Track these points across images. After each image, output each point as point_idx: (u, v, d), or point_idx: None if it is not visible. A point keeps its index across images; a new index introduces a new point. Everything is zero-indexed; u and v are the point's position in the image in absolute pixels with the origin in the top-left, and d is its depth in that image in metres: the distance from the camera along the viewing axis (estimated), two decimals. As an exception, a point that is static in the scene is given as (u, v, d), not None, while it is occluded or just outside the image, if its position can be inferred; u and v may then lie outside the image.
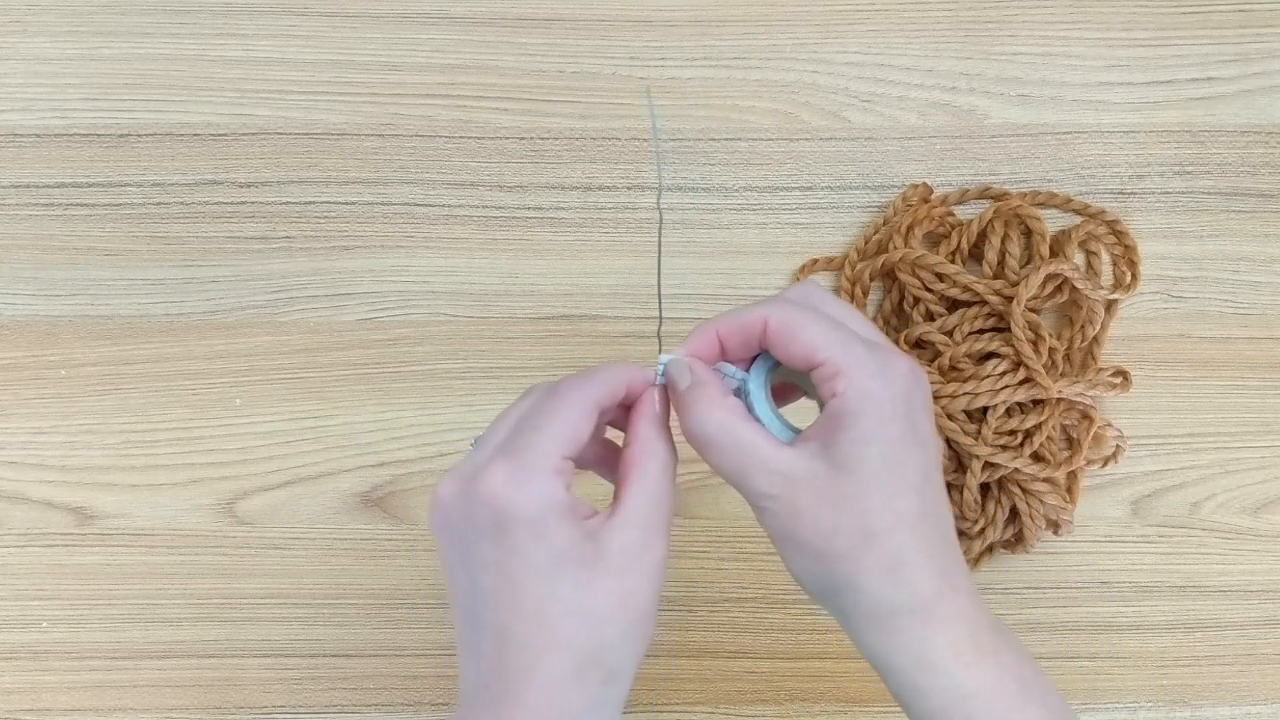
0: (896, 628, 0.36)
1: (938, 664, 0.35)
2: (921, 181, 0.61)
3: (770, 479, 0.36)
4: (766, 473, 0.36)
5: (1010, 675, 0.36)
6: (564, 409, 0.36)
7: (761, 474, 0.36)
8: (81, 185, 0.60)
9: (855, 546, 0.35)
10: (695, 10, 0.62)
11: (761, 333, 0.37)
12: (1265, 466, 0.59)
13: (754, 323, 0.37)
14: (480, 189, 0.61)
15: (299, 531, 0.58)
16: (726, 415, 0.37)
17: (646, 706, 0.57)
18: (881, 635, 0.36)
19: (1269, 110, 0.62)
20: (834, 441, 0.36)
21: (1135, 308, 0.60)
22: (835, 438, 0.35)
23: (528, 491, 0.34)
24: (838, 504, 0.35)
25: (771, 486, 0.36)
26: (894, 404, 0.36)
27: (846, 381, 0.35)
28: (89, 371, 0.59)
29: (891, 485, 0.36)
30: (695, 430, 0.37)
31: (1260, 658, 0.58)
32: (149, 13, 0.62)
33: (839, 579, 0.36)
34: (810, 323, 0.36)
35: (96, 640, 0.57)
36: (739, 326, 0.37)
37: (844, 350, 0.36)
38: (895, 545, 0.35)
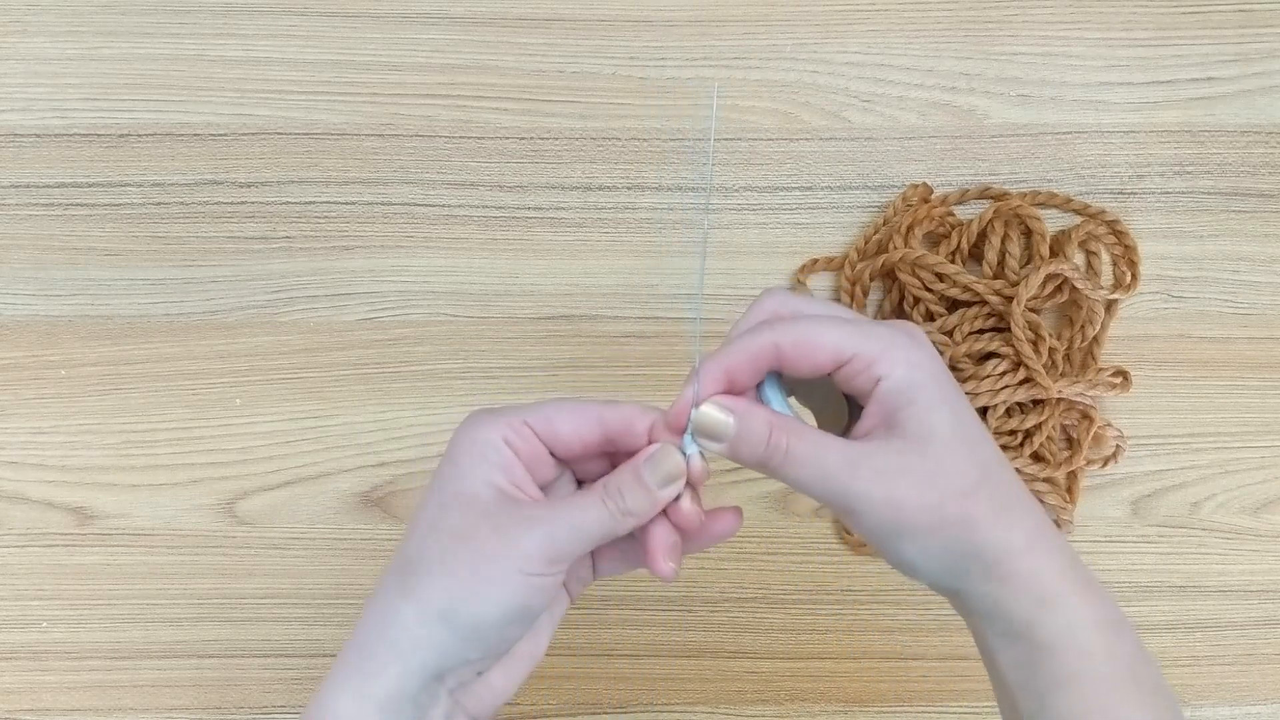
0: (1016, 570, 0.36)
1: (1055, 595, 0.36)
2: (921, 181, 0.61)
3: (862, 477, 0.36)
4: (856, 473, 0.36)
5: (1108, 606, 0.37)
6: (563, 400, 0.38)
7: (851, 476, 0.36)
8: (81, 185, 0.60)
9: (963, 509, 0.36)
10: (695, 10, 0.62)
11: (772, 359, 0.37)
12: (1265, 466, 0.59)
13: (762, 352, 0.37)
14: (480, 189, 0.61)
15: (299, 531, 0.58)
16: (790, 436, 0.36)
17: (646, 706, 0.57)
18: (1001, 583, 0.36)
19: (1269, 110, 0.62)
20: (901, 420, 0.36)
21: (1135, 308, 0.60)
22: (900, 415, 0.36)
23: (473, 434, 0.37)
24: (933, 475, 0.36)
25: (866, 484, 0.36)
26: (936, 366, 0.37)
27: (889, 363, 0.36)
28: (89, 371, 0.59)
29: (969, 440, 0.36)
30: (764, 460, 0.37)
31: (1260, 658, 0.58)
32: (149, 13, 0.62)
33: (958, 546, 0.36)
34: (822, 328, 0.36)
35: (96, 640, 0.57)
36: (747, 360, 0.37)
37: (869, 339, 0.36)
38: (994, 492, 0.36)
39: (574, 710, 0.57)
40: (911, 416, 0.36)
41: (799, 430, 0.37)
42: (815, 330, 0.36)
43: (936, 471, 0.36)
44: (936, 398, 0.36)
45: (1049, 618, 0.36)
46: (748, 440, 0.36)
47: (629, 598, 0.58)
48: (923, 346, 0.37)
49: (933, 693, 0.57)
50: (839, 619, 0.58)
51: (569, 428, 0.38)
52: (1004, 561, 0.36)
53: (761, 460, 0.37)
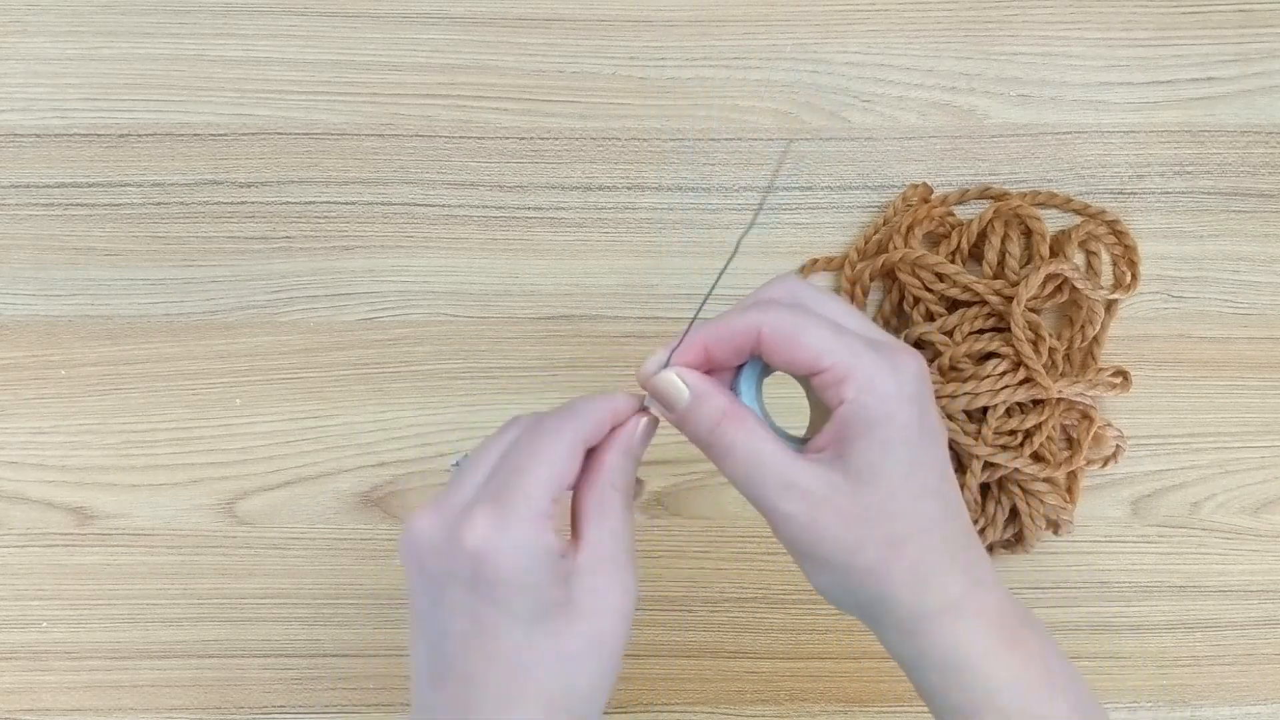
0: (926, 631, 0.35)
1: (967, 661, 0.35)
2: (921, 181, 0.61)
3: (788, 495, 0.35)
4: (783, 489, 0.35)
5: (1037, 664, 0.36)
6: (549, 449, 0.35)
7: (778, 490, 0.35)
8: (81, 185, 0.60)
9: (882, 559, 0.34)
10: (695, 10, 0.62)
11: (755, 342, 0.35)
12: (1265, 466, 0.59)
13: (746, 332, 0.35)
14: (480, 189, 0.61)
15: (299, 531, 0.58)
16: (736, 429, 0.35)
17: (646, 706, 0.57)
18: (911, 639, 0.35)
19: (1269, 110, 0.62)
20: (849, 451, 0.34)
21: (1135, 308, 0.60)
22: (850, 447, 0.34)
23: (511, 543, 0.33)
24: (860, 518, 0.34)
25: (789, 504, 0.35)
26: (908, 405, 0.34)
27: (856, 387, 0.34)
28: (89, 371, 0.59)
29: (912, 490, 0.35)
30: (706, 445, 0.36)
31: (1260, 658, 0.58)
32: (149, 13, 0.62)
33: (866, 592, 0.35)
34: (809, 328, 0.34)
35: (96, 640, 0.57)
36: (728, 336, 0.36)
37: (850, 354, 0.34)
38: (921, 552, 0.35)
39: (574, 710, 0.57)
40: (861, 450, 0.34)
41: (749, 428, 0.35)
42: (801, 327, 0.34)
43: (864, 516, 0.34)
44: (894, 438, 0.34)
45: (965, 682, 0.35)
46: (696, 418, 0.36)
47: (629, 598, 0.58)
48: (903, 377, 0.34)
49: (933, 693, 0.57)
50: (839, 619, 0.58)
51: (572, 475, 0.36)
52: (914, 622, 0.35)
53: (704, 444, 0.36)
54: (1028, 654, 0.36)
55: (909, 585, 0.35)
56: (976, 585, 0.36)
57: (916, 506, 0.35)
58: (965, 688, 0.35)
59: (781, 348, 0.35)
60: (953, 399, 0.56)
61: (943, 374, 0.57)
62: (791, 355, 0.35)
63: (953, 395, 0.56)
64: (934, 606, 0.35)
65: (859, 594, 0.35)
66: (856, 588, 0.35)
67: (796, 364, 0.35)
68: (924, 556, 0.35)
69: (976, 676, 0.35)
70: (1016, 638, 0.36)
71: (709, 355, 0.36)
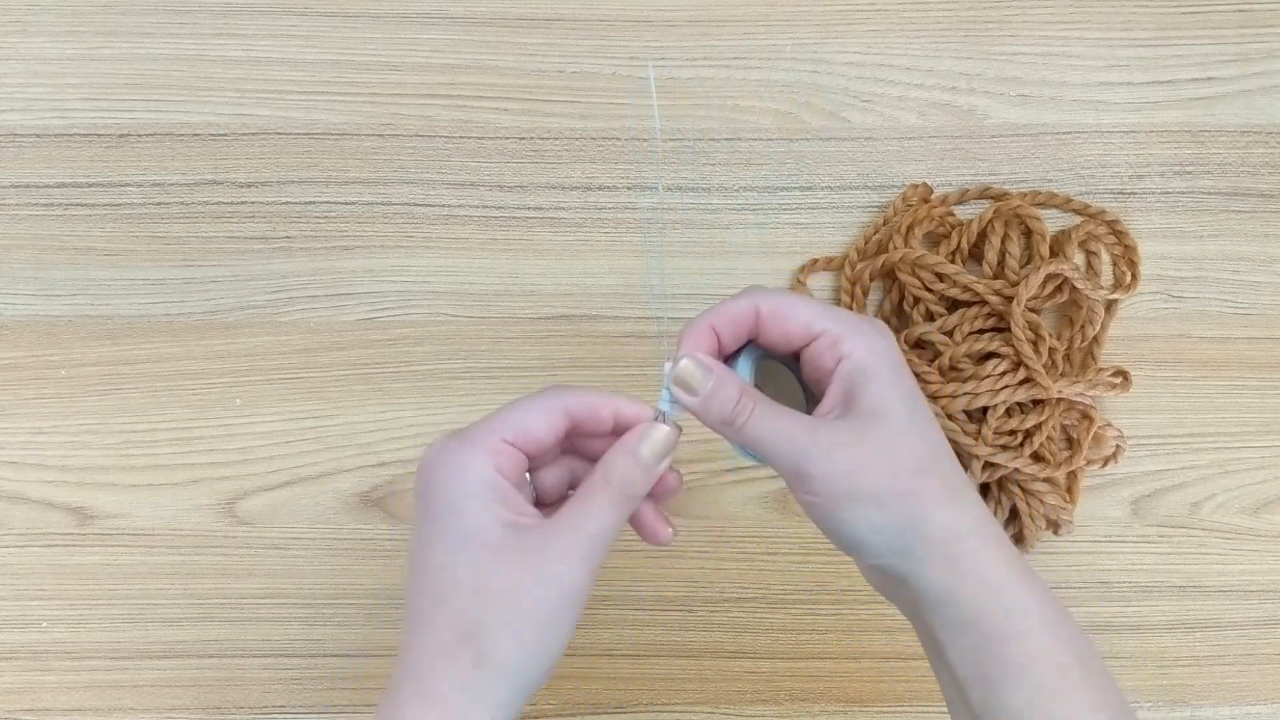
0: (963, 553, 0.37)
1: (1000, 582, 0.37)
2: (921, 181, 0.61)
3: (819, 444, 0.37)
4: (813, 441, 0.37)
5: (1049, 595, 0.38)
6: (526, 402, 0.38)
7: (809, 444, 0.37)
8: (81, 185, 0.60)
9: (916, 479, 0.37)
10: (695, 10, 0.62)
11: (753, 321, 0.39)
12: (1265, 466, 0.59)
13: (745, 312, 0.39)
14: (480, 189, 0.61)
15: (299, 531, 0.58)
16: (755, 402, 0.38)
17: (646, 706, 0.57)
18: (948, 565, 0.37)
19: (1269, 110, 0.62)
20: (858, 397, 0.38)
21: (1135, 308, 0.60)
22: (858, 393, 0.38)
23: (454, 464, 0.36)
24: (887, 447, 0.37)
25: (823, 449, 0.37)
26: (895, 354, 0.39)
27: (852, 343, 0.38)
28: (89, 371, 0.59)
29: (920, 423, 0.38)
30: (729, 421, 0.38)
31: (1260, 658, 0.58)
32: (149, 13, 0.62)
33: (906, 517, 0.37)
34: (799, 303, 0.38)
35: (96, 640, 0.57)
36: (730, 318, 0.39)
37: (836, 319, 0.38)
38: (945, 472, 0.38)
39: (574, 710, 0.57)
40: (869, 395, 0.37)
41: (765, 398, 0.38)
42: (791, 302, 0.38)
43: (892, 445, 0.37)
44: (892, 380, 0.38)
45: (997, 604, 0.36)
46: (719, 396, 0.38)
47: (629, 598, 0.58)
48: (885, 336, 0.39)
49: (932, 693, 0.57)
50: (839, 619, 0.58)
51: (542, 427, 0.38)
52: (952, 543, 0.37)
53: (729, 419, 0.38)
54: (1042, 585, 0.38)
55: (944, 503, 0.37)
56: (988, 515, 0.38)
57: (928, 437, 0.38)
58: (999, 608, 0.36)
59: (778, 321, 0.38)
60: (953, 399, 0.56)
61: (943, 374, 0.57)
62: (786, 327, 0.38)
63: (953, 395, 0.56)
64: (967, 525, 0.37)
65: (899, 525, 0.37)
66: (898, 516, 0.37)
67: (792, 334, 0.38)
68: (948, 476, 0.38)
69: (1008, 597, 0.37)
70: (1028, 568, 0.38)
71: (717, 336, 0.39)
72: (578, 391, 0.38)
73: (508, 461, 0.37)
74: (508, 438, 0.37)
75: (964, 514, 0.37)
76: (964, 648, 0.37)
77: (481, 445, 0.37)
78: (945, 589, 0.37)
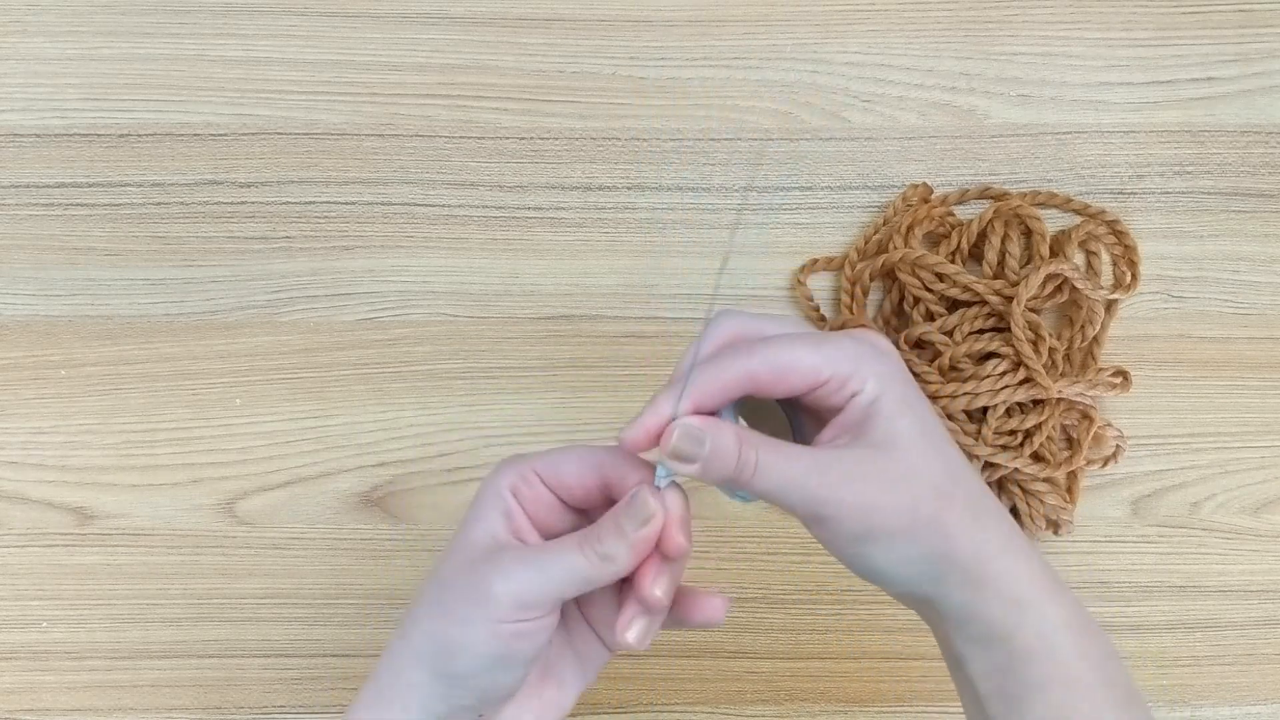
0: (989, 576, 0.36)
1: (1028, 599, 0.36)
2: (921, 181, 0.61)
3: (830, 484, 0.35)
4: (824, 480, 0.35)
5: (1077, 608, 0.37)
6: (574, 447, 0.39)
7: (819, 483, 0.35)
8: (81, 185, 0.60)
9: (938, 510, 0.36)
10: (695, 10, 0.62)
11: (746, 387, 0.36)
12: (1265, 466, 0.59)
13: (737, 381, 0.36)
14: (480, 189, 0.61)
15: (299, 531, 0.58)
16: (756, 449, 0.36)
17: (646, 706, 0.57)
18: (975, 588, 0.36)
19: (1269, 110, 0.62)
20: (867, 429, 0.36)
21: (1135, 308, 0.60)
22: (867, 425, 0.36)
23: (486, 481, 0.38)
24: (904, 477, 0.36)
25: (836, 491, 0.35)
26: (899, 374, 0.37)
27: (861, 379, 0.36)
28: (89, 371, 0.59)
29: (935, 446, 0.37)
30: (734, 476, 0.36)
31: (1260, 658, 0.58)
32: (149, 13, 0.62)
33: (930, 550, 0.36)
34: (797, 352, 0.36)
35: (96, 640, 0.57)
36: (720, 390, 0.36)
37: (842, 357, 0.36)
38: (968, 496, 0.37)
39: (574, 710, 0.57)
40: (878, 424, 0.36)
41: (765, 442, 0.36)
42: (790, 355, 0.36)
43: (908, 474, 0.36)
44: (901, 405, 0.36)
45: (1023, 621, 0.36)
46: (719, 458, 0.35)
47: (629, 598, 0.58)
48: (889, 358, 0.37)
49: (933, 693, 0.57)
50: (839, 619, 0.58)
51: (573, 474, 0.38)
52: (978, 565, 0.36)
53: (732, 476, 0.36)
54: (1069, 596, 0.37)
55: (967, 530, 0.36)
56: (1013, 529, 0.37)
57: (945, 459, 0.37)
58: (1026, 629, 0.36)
59: (779, 381, 0.36)
60: (953, 399, 0.56)
61: (943, 374, 0.57)
62: (789, 383, 0.36)
63: (953, 395, 0.56)
64: (993, 547, 0.36)
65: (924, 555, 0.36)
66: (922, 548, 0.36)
67: (795, 388, 0.37)
68: (971, 500, 0.37)
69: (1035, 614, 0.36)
70: (1057, 580, 0.37)
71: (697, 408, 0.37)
72: (617, 454, 0.37)
73: (527, 489, 0.38)
74: (537, 469, 0.38)
75: (990, 532, 0.36)
76: (987, 664, 0.36)
77: (511, 470, 0.38)
78: (972, 609, 0.36)
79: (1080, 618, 0.37)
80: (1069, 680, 0.36)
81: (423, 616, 0.37)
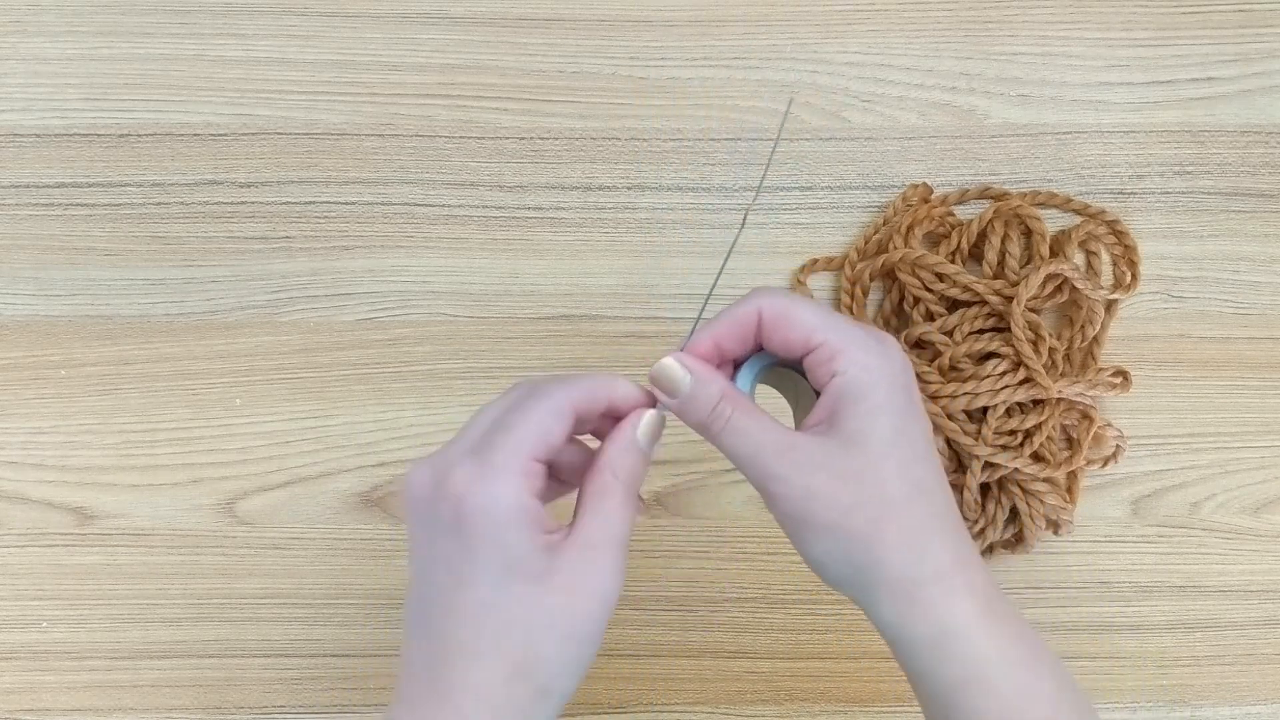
0: (918, 599, 0.36)
1: (959, 631, 0.36)
2: (921, 181, 0.61)
3: (783, 462, 0.36)
4: (778, 456, 0.36)
5: (1024, 641, 0.36)
6: (538, 409, 0.36)
7: (774, 458, 0.36)
8: (81, 185, 0.60)
9: (875, 520, 0.35)
10: (695, 10, 0.62)
11: (756, 325, 0.37)
12: (1265, 466, 0.59)
13: (749, 315, 0.37)
14: (480, 189, 0.61)
15: (299, 531, 0.58)
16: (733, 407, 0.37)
17: (646, 706, 0.57)
18: (903, 608, 0.36)
19: (1269, 110, 0.62)
20: (841, 419, 0.36)
21: (1135, 308, 0.60)
22: (842, 414, 0.36)
23: (488, 493, 0.34)
24: (854, 479, 0.35)
25: (785, 469, 0.36)
26: (895, 377, 0.36)
27: (847, 359, 0.36)
28: (89, 371, 0.59)
29: (903, 455, 0.36)
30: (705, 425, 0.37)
31: (1260, 658, 0.58)
32: (149, 13, 0.62)
33: (860, 556, 0.36)
34: (803, 308, 0.37)
35: (96, 640, 0.57)
36: (733, 323, 0.38)
37: (839, 331, 0.36)
38: (913, 517, 0.36)
39: (574, 710, 0.57)
40: (852, 418, 0.36)
41: (747, 407, 0.37)
42: (795, 307, 0.37)
43: (858, 476, 0.36)
44: (882, 405, 0.36)
45: (953, 652, 0.35)
46: (697, 400, 0.37)
47: (629, 598, 0.58)
48: (887, 354, 0.37)
49: (933, 693, 0.57)
50: (839, 619, 0.58)
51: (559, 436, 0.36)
52: (907, 588, 0.36)
53: (704, 424, 0.37)
54: (1015, 631, 0.36)
55: (902, 550, 0.36)
56: (964, 560, 0.37)
57: (906, 472, 0.36)
58: (955, 659, 0.35)
59: (779, 326, 0.37)
60: (953, 399, 0.56)
61: (943, 374, 0.57)
62: (787, 333, 0.37)
63: (953, 395, 0.56)
64: (926, 574, 0.36)
65: (854, 558, 0.36)
66: (852, 553, 0.36)
67: (792, 341, 0.37)
68: (916, 521, 0.36)
69: (967, 647, 0.35)
70: (1003, 615, 0.36)
71: (718, 346, 0.38)
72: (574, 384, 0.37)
73: (539, 483, 0.36)
74: (538, 456, 0.35)
75: (928, 558, 0.36)
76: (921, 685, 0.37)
77: (514, 470, 0.35)
78: (901, 630, 0.36)
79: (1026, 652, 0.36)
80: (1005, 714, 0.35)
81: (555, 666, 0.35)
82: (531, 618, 0.34)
